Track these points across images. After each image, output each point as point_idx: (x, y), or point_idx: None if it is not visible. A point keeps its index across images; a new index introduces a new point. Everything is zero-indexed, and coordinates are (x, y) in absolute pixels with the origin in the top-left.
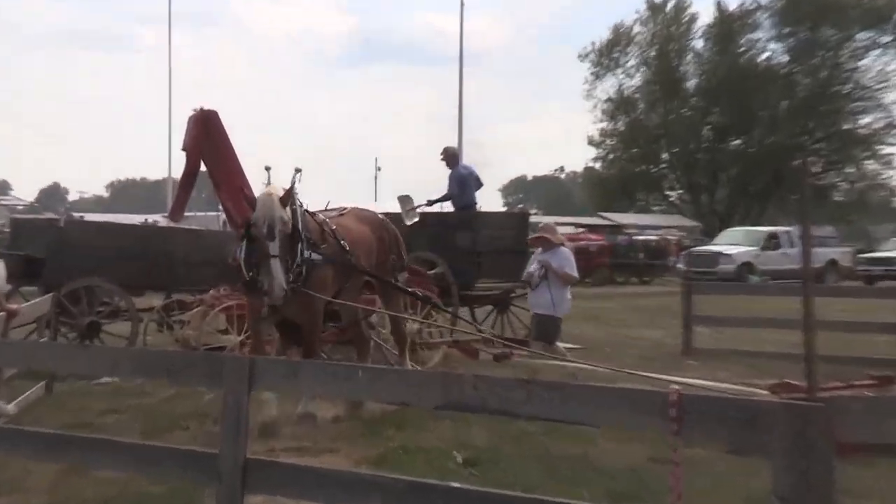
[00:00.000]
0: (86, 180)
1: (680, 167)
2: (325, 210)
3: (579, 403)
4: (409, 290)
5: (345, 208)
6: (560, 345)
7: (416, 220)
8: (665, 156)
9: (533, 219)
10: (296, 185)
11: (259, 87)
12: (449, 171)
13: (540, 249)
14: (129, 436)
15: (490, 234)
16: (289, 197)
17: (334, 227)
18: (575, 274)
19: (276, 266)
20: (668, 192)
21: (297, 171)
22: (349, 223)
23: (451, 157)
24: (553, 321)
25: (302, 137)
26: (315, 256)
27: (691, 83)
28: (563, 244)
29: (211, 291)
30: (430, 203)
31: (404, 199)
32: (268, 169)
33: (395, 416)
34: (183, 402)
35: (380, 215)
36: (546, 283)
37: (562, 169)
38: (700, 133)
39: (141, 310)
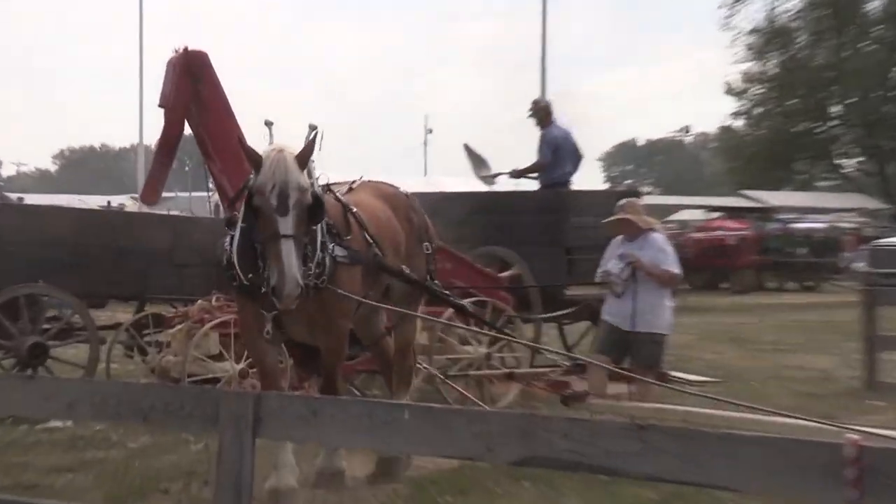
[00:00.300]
0: (25, 150)
1: (859, 125)
2: (330, 185)
3: (716, 459)
4: (456, 300)
5: (353, 181)
6: (678, 374)
7: (495, 185)
8: (837, 109)
9: (647, 199)
10: (315, 145)
11: (261, 18)
12: (540, 133)
13: (620, 238)
14: None
15: (586, 222)
16: (308, 157)
17: (354, 209)
18: (677, 270)
19: (290, 250)
20: (840, 161)
21: (313, 128)
22: (369, 203)
23: (543, 112)
24: (651, 341)
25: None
26: (339, 251)
27: (875, 4)
28: (653, 229)
29: (199, 302)
30: (517, 175)
31: (476, 157)
32: (269, 124)
33: (455, 477)
34: (162, 456)
35: (402, 190)
36: (633, 288)
37: (686, 130)
38: (887, 76)
39: (103, 327)
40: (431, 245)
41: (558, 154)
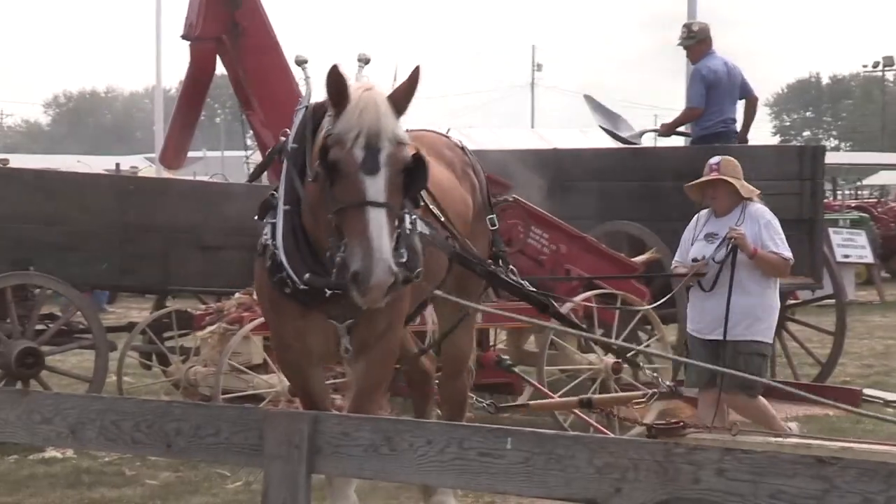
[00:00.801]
0: (11, 97)
1: None
2: None
3: None
4: (544, 296)
5: None
6: (874, 393)
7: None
8: None
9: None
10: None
11: None
12: (692, 69)
13: (705, 213)
14: None
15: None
16: (408, 100)
17: None
18: (789, 254)
19: (380, 223)
20: None
21: (364, 62)
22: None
23: (699, 40)
24: (757, 353)
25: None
26: (423, 229)
27: None
28: (753, 199)
29: (236, 295)
30: (668, 131)
31: (604, 110)
32: (302, 64)
33: None
34: (190, 497)
35: (457, 141)
36: (727, 280)
37: (890, 62)
38: None
39: (112, 329)
40: (495, 218)
41: (715, 94)
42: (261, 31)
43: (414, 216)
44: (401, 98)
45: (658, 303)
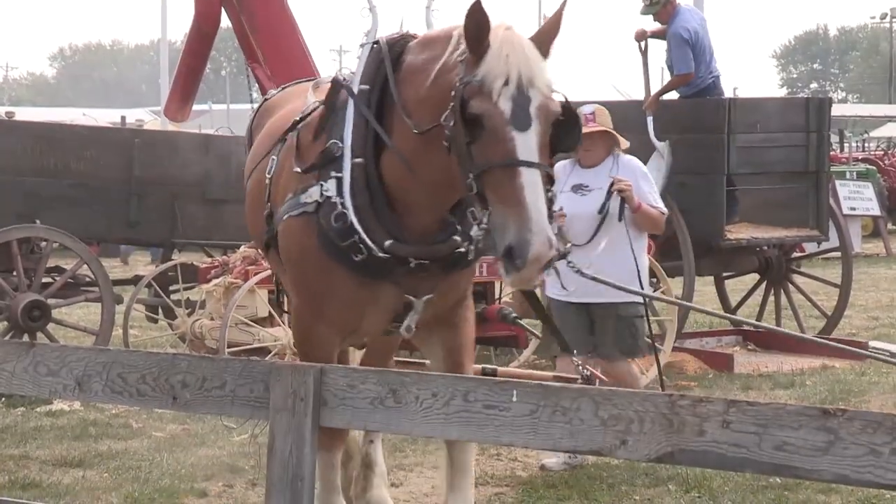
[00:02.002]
0: (14, 49)
1: None
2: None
3: None
4: None
5: None
6: (880, 345)
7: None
8: None
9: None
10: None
11: None
12: (668, 33)
13: (567, 164)
14: None
15: (754, 143)
16: (552, 41)
17: None
18: (665, 209)
19: (536, 186)
20: None
21: None
22: None
23: (664, 3)
24: (636, 316)
25: None
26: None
27: None
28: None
29: (242, 248)
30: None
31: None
32: None
33: (578, 477)
34: (196, 449)
35: None
36: (607, 233)
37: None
38: None
39: (118, 282)
40: None
41: (698, 51)
42: None
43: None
44: (545, 39)
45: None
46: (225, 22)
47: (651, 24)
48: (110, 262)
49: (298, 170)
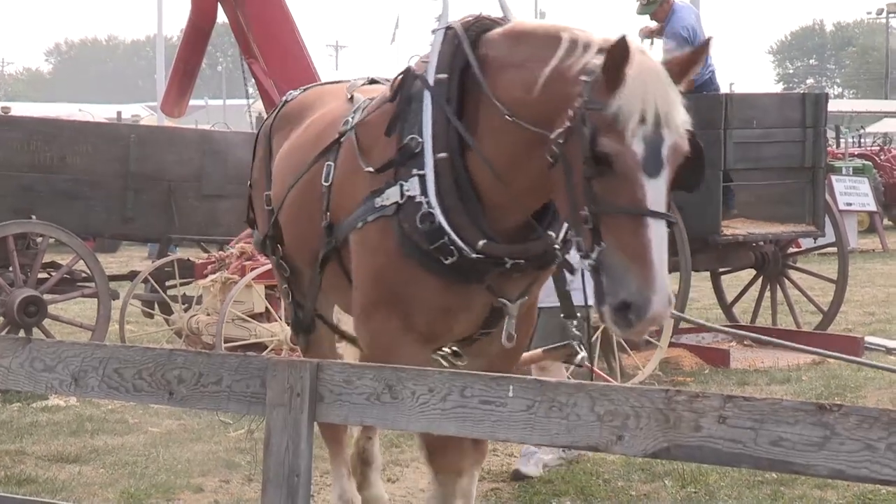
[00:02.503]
0: (12, 45)
1: None
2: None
3: None
4: None
5: None
6: (877, 340)
7: None
8: None
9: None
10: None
11: None
12: (664, 31)
13: None
14: None
15: (750, 138)
16: (689, 75)
17: None
18: None
19: (663, 243)
20: None
21: None
22: None
23: (660, 2)
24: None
25: None
26: None
27: None
28: None
29: (238, 244)
30: None
31: None
32: None
33: (575, 473)
34: (192, 444)
35: None
36: None
37: (895, 9)
38: None
39: (115, 277)
40: None
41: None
42: None
43: None
44: (682, 70)
45: None
46: (221, 17)
47: (649, 23)
48: (106, 257)
49: (371, 169)
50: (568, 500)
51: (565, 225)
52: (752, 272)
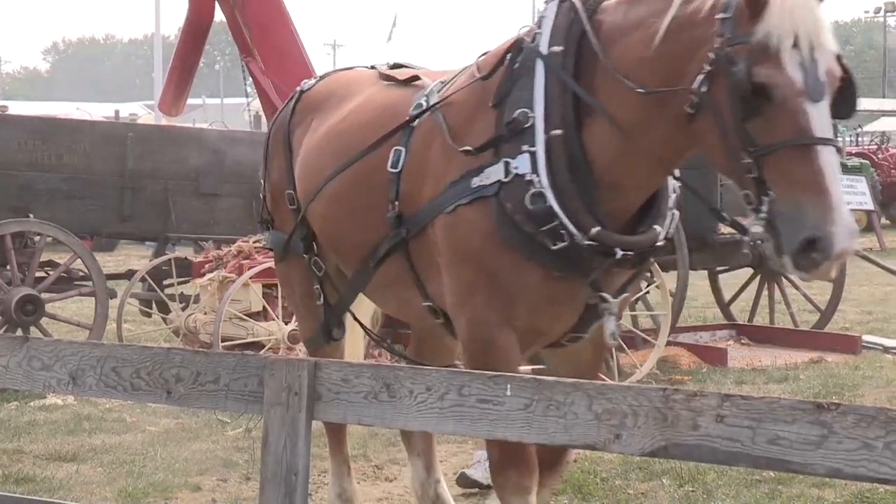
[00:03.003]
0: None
1: None
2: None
3: None
4: None
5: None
6: (873, 339)
7: None
8: None
9: None
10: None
11: None
12: None
13: None
14: None
15: None
16: None
17: None
18: None
19: (836, 170)
20: None
21: None
22: None
23: None
24: None
25: None
26: None
27: None
28: None
29: (238, 242)
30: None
31: None
32: None
33: (573, 472)
34: (190, 443)
35: None
36: None
37: (892, 8)
38: None
39: (112, 276)
40: None
41: None
42: None
43: None
44: None
45: None
46: (219, 16)
47: None
48: (104, 256)
49: (468, 148)
50: (565, 499)
51: (669, 219)
52: (750, 271)
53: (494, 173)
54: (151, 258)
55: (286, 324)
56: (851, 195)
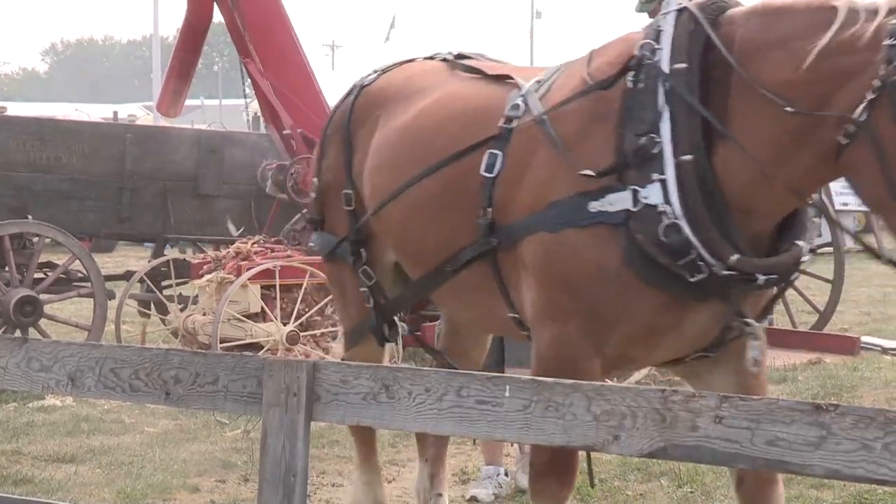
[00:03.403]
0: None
1: None
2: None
3: None
4: None
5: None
6: (872, 340)
7: None
8: None
9: None
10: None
11: None
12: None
13: None
14: None
15: None
16: None
17: None
18: None
19: None
20: None
21: None
22: None
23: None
24: None
25: None
26: None
27: None
28: None
29: (237, 244)
30: None
31: None
32: None
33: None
34: (188, 444)
35: None
36: None
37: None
38: None
39: (110, 277)
40: None
41: None
42: None
43: None
44: None
45: None
46: (217, 17)
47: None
48: (102, 257)
49: (590, 172)
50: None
51: (812, 230)
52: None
53: (620, 201)
54: (150, 259)
55: (284, 325)
56: (850, 196)
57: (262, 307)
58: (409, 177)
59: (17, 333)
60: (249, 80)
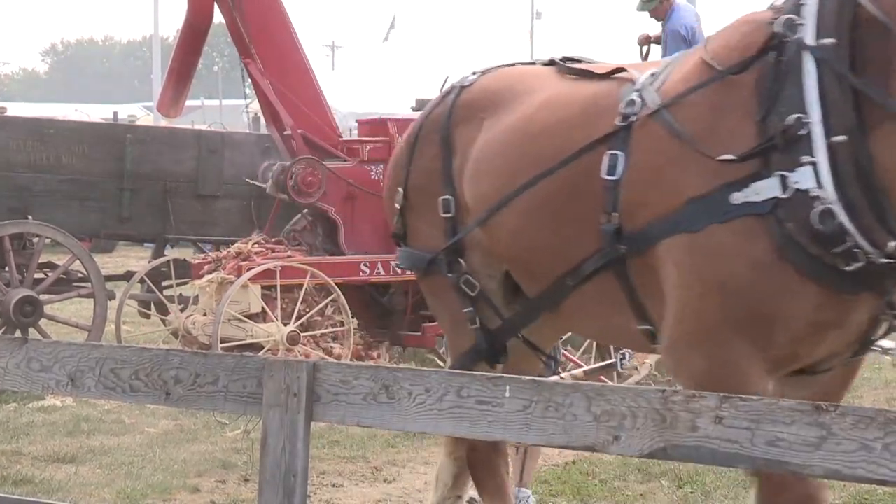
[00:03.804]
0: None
1: None
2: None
3: None
4: None
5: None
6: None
7: None
8: None
9: None
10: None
11: None
12: (663, 30)
13: None
14: None
15: None
16: None
17: None
18: None
19: None
20: None
21: None
22: None
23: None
24: None
25: None
26: None
27: None
28: None
29: (237, 244)
30: None
31: None
32: None
33: (571, 473)
34: (189, 444)
35: None
36: None
37: None
38: None
39: (111, 277)
40: None
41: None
42: None
43: None
44: None
45: None
46: (218, 17)
47: (649, 22)
48: (102, 257)
49: (731, 156)
50: (564, 501)
51: None
52: None
53: (767, 189)
54: (150, 259)
55: (285, 325)
56: None
57: (262, 307)
58: (519, 182)
59: (18, 334)
60: (250, 80)
